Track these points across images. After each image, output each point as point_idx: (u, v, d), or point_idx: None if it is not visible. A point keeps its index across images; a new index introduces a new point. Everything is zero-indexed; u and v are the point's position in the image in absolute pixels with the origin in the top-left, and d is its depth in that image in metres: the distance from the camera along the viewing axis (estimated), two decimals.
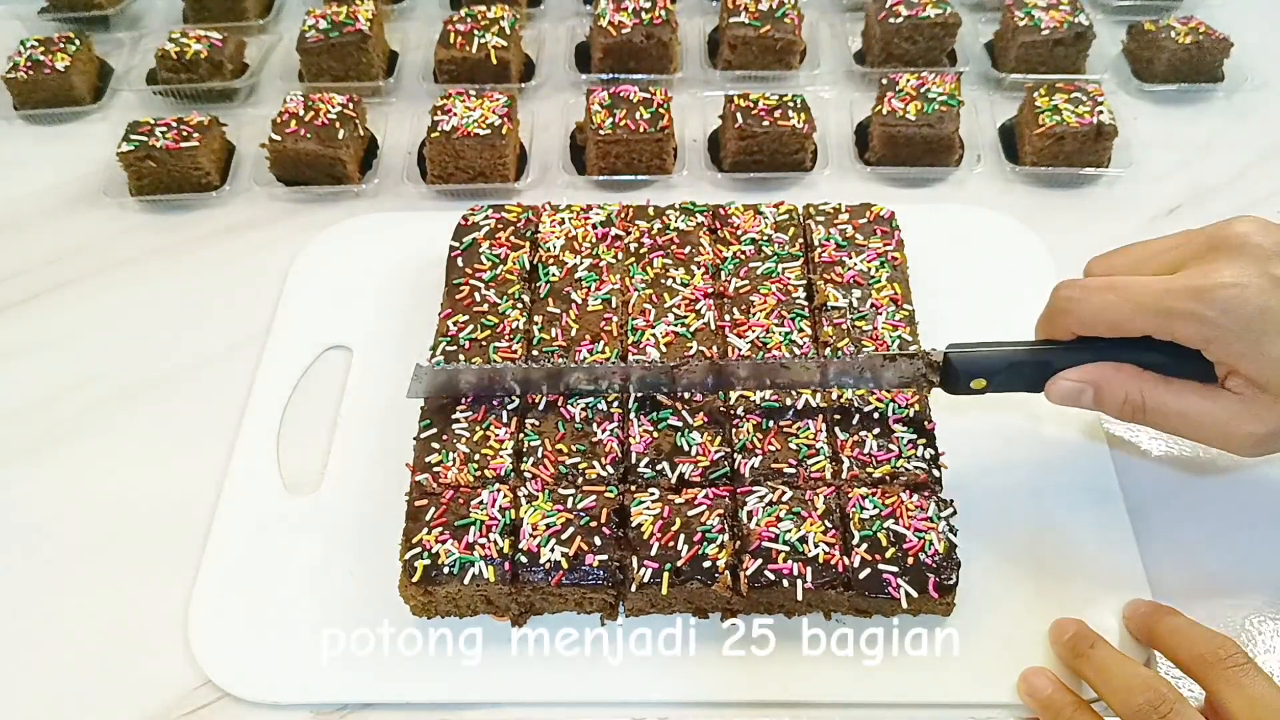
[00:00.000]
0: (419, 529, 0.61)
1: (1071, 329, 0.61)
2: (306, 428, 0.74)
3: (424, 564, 0.60)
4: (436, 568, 0.60)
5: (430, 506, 0.62)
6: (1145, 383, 0.59)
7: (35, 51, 1.00)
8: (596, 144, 0.91)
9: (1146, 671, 0.56)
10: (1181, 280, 0.56)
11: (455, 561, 0.60)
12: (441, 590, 0.60)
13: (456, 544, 0.60)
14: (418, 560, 0.60)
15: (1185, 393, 0.58)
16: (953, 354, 0.64)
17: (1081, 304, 0.59)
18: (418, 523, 0.62)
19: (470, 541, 0.61)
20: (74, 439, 0.75)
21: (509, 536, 0.61)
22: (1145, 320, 0.56)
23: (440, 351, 0.71)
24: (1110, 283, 0.58)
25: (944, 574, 0.60)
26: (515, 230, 0.79)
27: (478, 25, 0.99)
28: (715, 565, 0.60)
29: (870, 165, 0.94)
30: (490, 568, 0.60)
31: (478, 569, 0.60)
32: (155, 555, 0.68)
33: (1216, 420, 0.58)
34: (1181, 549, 0.67)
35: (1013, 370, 0.63)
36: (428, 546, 0.61)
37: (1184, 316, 0.55)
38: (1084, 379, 0.61)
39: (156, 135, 0.89)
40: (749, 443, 0.65)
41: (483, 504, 0.62)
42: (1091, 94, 0.92)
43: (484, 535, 0.61)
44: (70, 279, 0.87)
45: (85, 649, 0.64)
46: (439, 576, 0.60)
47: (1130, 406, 0.60)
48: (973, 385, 0.64)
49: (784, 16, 0.99)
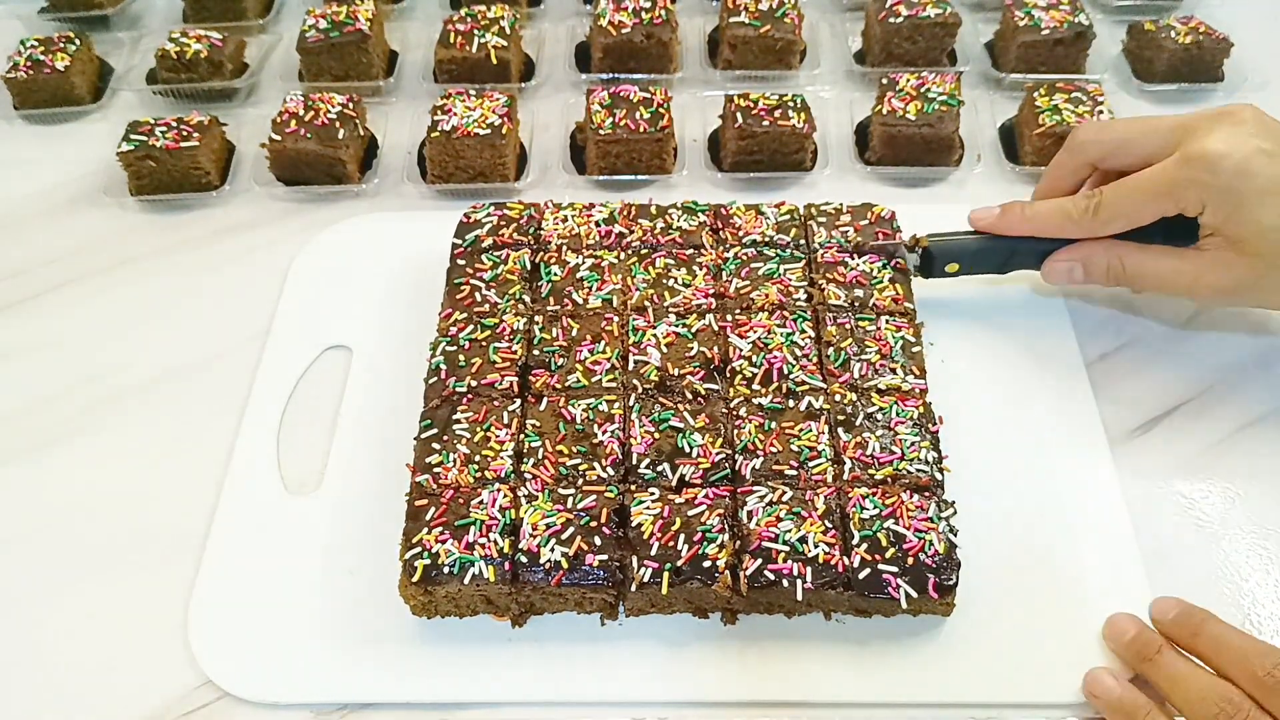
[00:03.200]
0: (419, 529, 0.61)
1: (1090, 157, 0.72)
2: (306, 428, 0.74)
3: (424, 564, 0.60)
4: (436, 567, 0.60)
5: (430, 506, 0.62)
6: (1123, 250, 0.70)
7: (35, 51, 1.00)
8: (596, 144, 0.91)
9: (1218, 681, 0.55)
10: (1183, 150, 0.65)
11: (455, 561, 0.60)
12: (441, 590, 0.60)
13: (456, 544, 0.60)
14: (418, 560, 0.60)
15: (1159, 255, 0.70)
16: (932, 242, 0.75)
17: (1105, 130, 0.71)
18: (418, 522, 0.62)
19: (470, 541, 0.60)
20: (74, 439, 0.75)
21: (509, 536, 0.61)
22: (1156, 182, 0.66)
23: (440, 351, 0.71)
24: (1128, 121, 0.72)
25: (944, 574, 0.60)
26: (518, 227, 0.79)
27: (478, 25, 0.99)
28: (715, 565, 0.60)
29: (870, 165, 0.94)
30: (490, 567, 0.60)
31: (478, 569, 0.60)
32: (155, 555, 0.68)
33: (1187, 274, 0.69)
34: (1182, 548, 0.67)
35: (981, 254, 0.75)
36: (428, 546, 0.61)
37: (1188, 184, 0.65)
38: (1072, 256, 0.72)
39: (156, 135, 0.89)
40: (750, 444, 0.65)
41: (483, 504, 0.62)
42: (1091, 94, 0.92)
43: (484, 535, 0.61)
44: (70, 279, 0.87)
45: (85, 649, 0.64)
46: (439, 576, 0.60)
47: (1113, 272, 0.71)
48: (947, 270, 0.76)
49: (784, 16, 0.99)
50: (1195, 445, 0.73)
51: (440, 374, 0.70)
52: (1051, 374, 0.76)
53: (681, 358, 0.70)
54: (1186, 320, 0.81)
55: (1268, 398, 0.76)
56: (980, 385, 0.75)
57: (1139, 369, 0.78)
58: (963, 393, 0.73)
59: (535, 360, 0.70)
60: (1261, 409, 0.75)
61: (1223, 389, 0.76)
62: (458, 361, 0.70)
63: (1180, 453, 0.73)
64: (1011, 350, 0.77)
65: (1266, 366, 0.78)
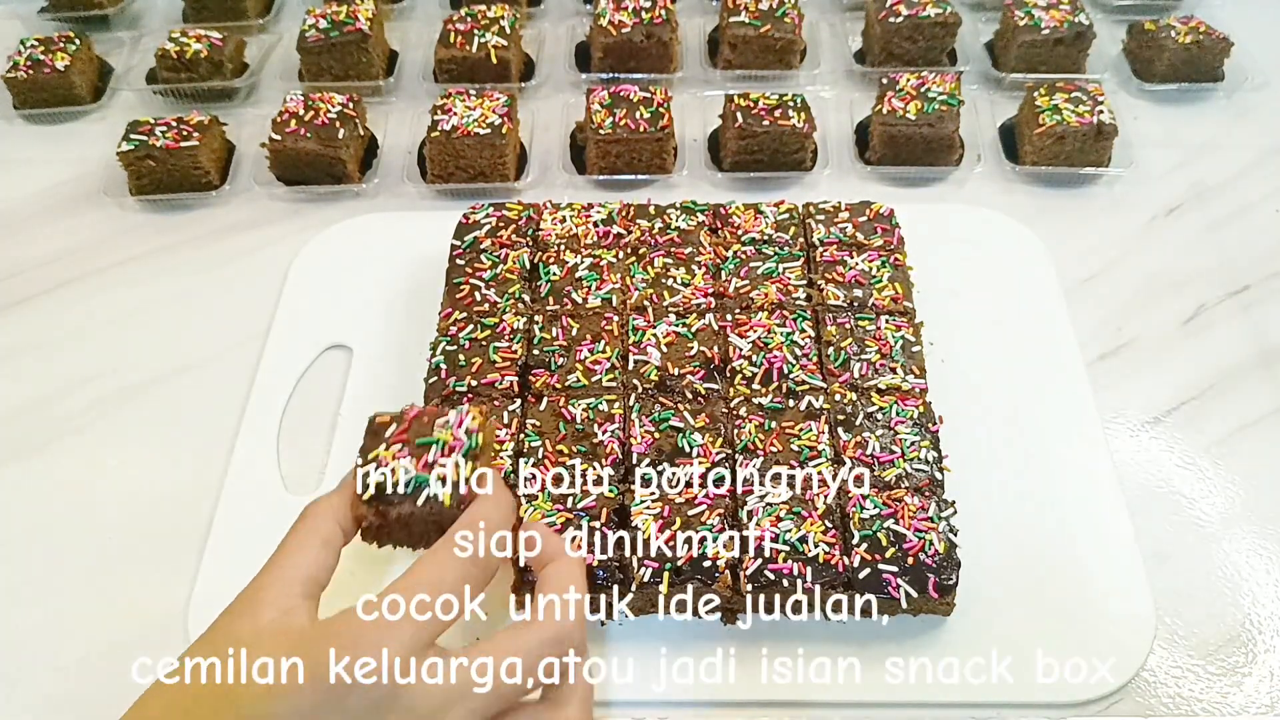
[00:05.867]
0: (376, 445, 0.53)
1: None
2: (306, 428, 0.74)
3: (376, 480, 0.51)
4: (391, 485, 0.51)
5: (391, 424, 0.54)
6: None
7: (35, 51, 1.00)
8: (596, 143, 0.91)
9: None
10: None
11: (411, 480, 0.51)
12: (394, 512, 0.52)
13: (414, 462, 0.52)
14: (369, 478, 0.52)
15: None
16: None
17: None
18: (376, 439, 0.53)
19: (429, 461, 0.52)
20: (74, 439, 0.75)
21: (472, 461, 0.52)
22: None
23: (440, 351, 0.71)
24: None
25: (944, 574, 0.60)
26: (516, 228, 0.79)
27: (478, 25, 0.99)
28: (715, 565, 0.60)
29: (870, 165, 0.93)
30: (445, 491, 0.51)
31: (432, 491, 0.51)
32: (155, 555, 0.68)
33: None
34: (1182, 548, 0.67)
35: None
36: (384, 463, 0.52)
37: None
38: None
39: (156, 135, 0.89)
40: (750, 443, 0.65)
41: (448, 424, 0.53)
42: (1092, 93, 0.92)
43: (445, 455, 0.52)
44: (70, 279, 0.87)
45: (85, 648, 0.64)
46: (392, 496, 0.51)
47: None
48: None
49: (784, 16, 0.99)
50: (1195, 445, 0.73)
51: (440, 374, 0.70)
52: (1051, 374, 0.76)
53: (681, 357, 0.70)
54: (1186, 320, 0.81)
55: (1268, 398, 0.76)
56: (980, 385, 0.75)
57: (1139, 369, 0.78)
58: (963, 393, 0.73)
59: (535, 360, 0.70)
60: (1261, 409, 0.75)
61: (1223, 389, 0.76)
62: (458, 361, 0.70)
63: (1180, 453, 0.73)
64: (1011, 350, 0.77)
65: (1266, 366, 0.78)
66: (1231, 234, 0.88)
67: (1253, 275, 0.84)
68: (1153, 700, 0.61)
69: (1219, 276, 0.84)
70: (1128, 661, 0.61)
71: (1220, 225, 0.89)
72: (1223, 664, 0.63)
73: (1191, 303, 0.82)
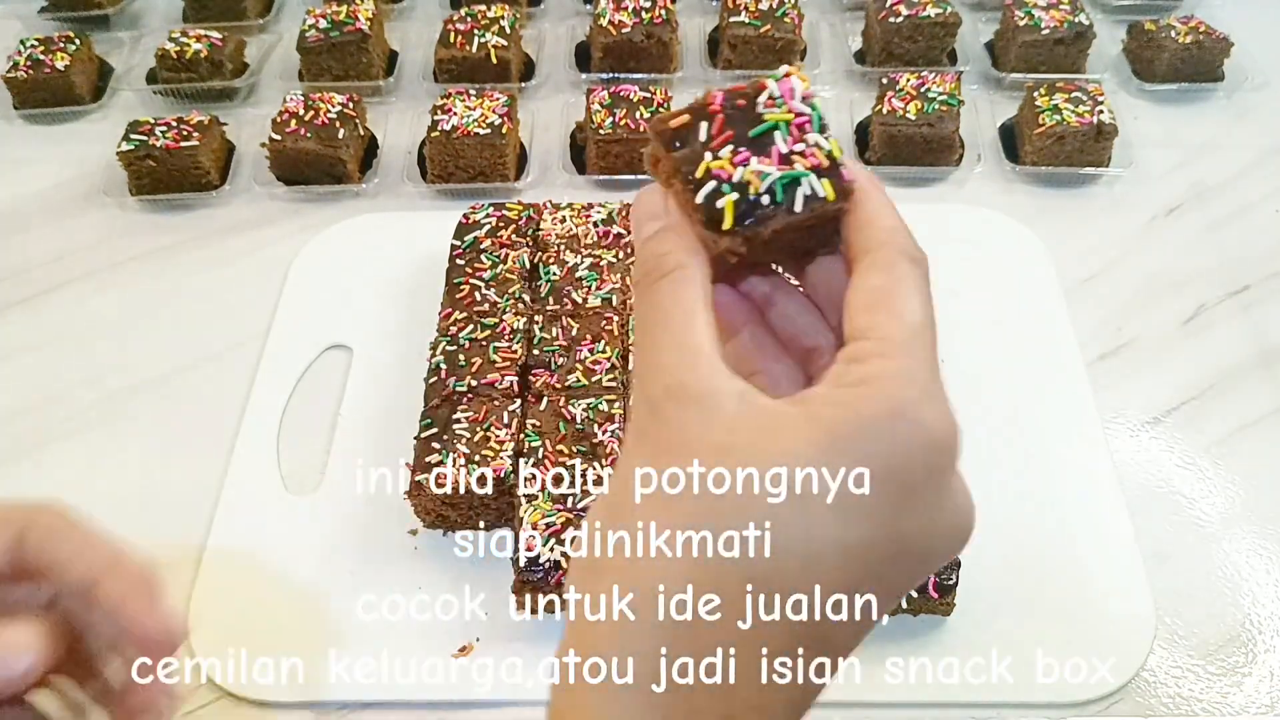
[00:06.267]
0: (696, 158, 0.38)
1: None
2: (306, 428, 0.74)
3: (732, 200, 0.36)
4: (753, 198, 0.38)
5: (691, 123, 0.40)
6: None
7: (35, 51, 1.00)
8: (596, 144, 0.91)
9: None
10: None
11: (775, 183, 0.37)
12: (766, 230, 0.37)
13: (764, 159, 0.37)
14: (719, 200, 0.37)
15: None
16: None
17: None
18: (690, 150, 0.38)
19: (782, 153, 0.38)
20: (73, 438, 0.75)
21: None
22: None
23: (440, 351, 0.71)
24: None
25: (944, 574, 0.60)
26: (516, 228, 0.79)
27: (478, 25, 0.99)
28: None
29: (870, 165, 0.93)
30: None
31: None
32: (155, 555, 0.68)
33: None
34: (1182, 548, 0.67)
35: None
36: (725, 175, 0.37)
37: None
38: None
39: (156, 135, 0.89)
40: None
41: (776, 99, 0.38)
42: (1092, 93, 0.92)
43: (797, 140, 0.38)
44: (71, 278, 0.86)
45: None
46: (762, 212, 0.36)
47: None
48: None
49: (784, 16, 0.99)
50: (1195, 445, 0.73)
51: (440, 373, 0.70)
52: (1051, 374, 0.76)
53: None
54: (1186, 320, 0.81)
55: (1268, 398, 0.76)
56: (980, 385, 0.75)
57: (1139, 369, 0.78)
58: (963, 393, 0.72)
59: (535, 360, 0.70)
60: (1261, 409, 0.75)
61: (1223, 389, 0.76)
62: (458, 361, 0.70)
63: (1180, 453, 0.73)
64: (1011, 350, 0.77)
65: (1266, 366, 0.78)
66: (1231, 234, 0.88)
67: (1253, 275, 0.84)
68: (1153, 700, 0.61)
69: (1219, 276, 0.84)
70: (1128, 661, 0.61)
71: (1220, 225, 0.89)
72: (1223, 664, 0.63)
73: (1191, 303, 0.82)
